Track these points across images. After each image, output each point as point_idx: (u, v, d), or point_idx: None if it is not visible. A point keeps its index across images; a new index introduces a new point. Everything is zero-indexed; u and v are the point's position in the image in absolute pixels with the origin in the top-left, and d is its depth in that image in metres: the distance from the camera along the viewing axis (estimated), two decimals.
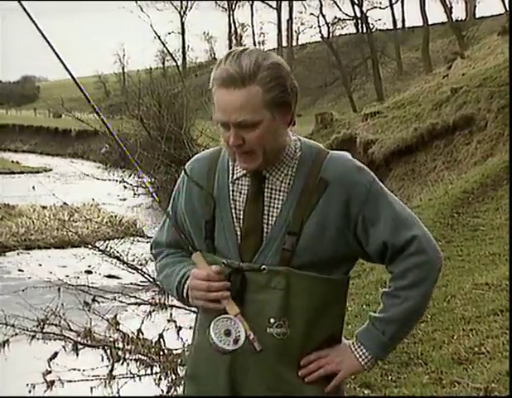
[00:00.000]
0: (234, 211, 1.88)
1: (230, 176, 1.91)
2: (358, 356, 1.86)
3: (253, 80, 1.75)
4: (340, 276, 1.88)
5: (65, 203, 11.79)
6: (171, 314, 6.23)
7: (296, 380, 1.85)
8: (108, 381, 5.76)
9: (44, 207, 19.83)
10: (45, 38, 1.84)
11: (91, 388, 5.76)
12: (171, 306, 6.30)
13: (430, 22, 40.02)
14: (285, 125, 1.84)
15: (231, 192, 1.89)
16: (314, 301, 1.83)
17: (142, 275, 7.26)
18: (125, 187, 12.25)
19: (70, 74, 1.98)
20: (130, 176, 13.76)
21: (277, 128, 1.81)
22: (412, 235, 1.83)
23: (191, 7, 60.77)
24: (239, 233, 1.87)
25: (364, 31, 41.55)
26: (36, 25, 1.84)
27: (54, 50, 1.89)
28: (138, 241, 8.62)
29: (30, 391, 5.73)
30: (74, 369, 5.77)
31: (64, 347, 5.87)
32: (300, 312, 1.82)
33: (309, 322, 1.83)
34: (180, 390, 5.22)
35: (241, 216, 1.87)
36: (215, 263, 1.84)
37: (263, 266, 1.82)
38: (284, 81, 1.79)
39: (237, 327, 1.76)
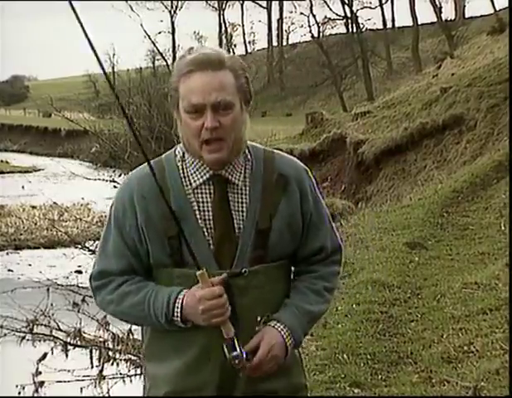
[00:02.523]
0: (200, 220, 1.85)
1: (187, 186, 1.87)
2: (289, 347, 1.87)
3: (225, 65, 1.81)
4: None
5: (54, 203, 11.78)
6: None
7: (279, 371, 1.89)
8: (98, 382, 5.75)
9: (34, 207, 19.75)
10: (87, 37, 1.81)
11: (81, 388, 5.74)
12: None
13: (420, 22, 40.17)
14: (246, 119, 1.88)
15: (194, 202, 1.86)
16: (285, 286, 1.93)
17: None
18: (115, 187, 12.22)
19: (105, 73, 1.98)
20: (120, 175, 13.74)
21: (243, 118, 1.86)
22: (339, 244, 2.02)
23: (182, 7, 60.61)
24: (211, 242, 1.85)
25: (355, 30, 41.64)
26: (80, 23, 1.81)
27: (94, 50, 1.86)
28: None
29: (19, 392, 5.71)
30: (64, 369, 5.74)
31: (53, 347, 5.84)
32: (279, 301, 1.91)
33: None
34: None
35: (209, 225, 1.85)
36: (188, 276, 1.81)
37: (244, 269, 1.83)
38: (247, 74, 1.87)
39: (236, 348, 1.79)
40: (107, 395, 5.75)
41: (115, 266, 1.88)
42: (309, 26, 54.88)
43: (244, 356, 1.78)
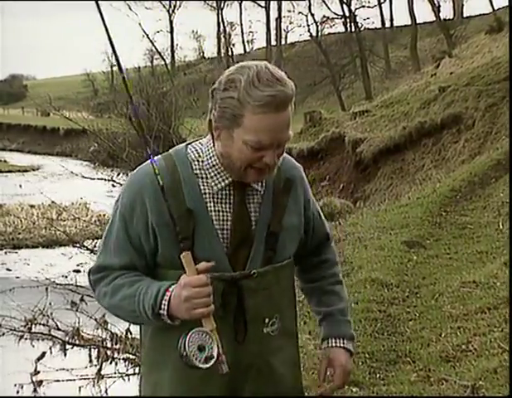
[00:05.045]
0: (215, 222, 1.83)
1: (205, 188, 1.84)
2: (347, 350, 2.07)
3: (292, 101, 1.80)
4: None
5: (53, 202, 11.77)
6: None
7: (282, 369, 1.91)
8: (96, 381, 5.75)
9: (32, 206, 19.73)
10: (108, 35, 1.77)
11: (79, 387, 5.74)
12: None
13: (418, 21, 40.14)
14: None
15: (211, 205, 1.83)
16: (290, 284, 1.95)
17: None
18: (114, 186, 12.22)
19: (121, 70, 1.89)
20: (119, 174, 13.73)
21: None
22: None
23: (180, 6, 60.65)
24: (226, 244, 1.83)
25: (353, 29, 41.61)
26: (103, 21, 1.76)
27: (113, 48, 1.80)
28: None
29: (18, 392, 5.71)
30: (63, 369, 5.74)
31: (51, 347, 5.84)
32: (287, 302, 1.94)
33: (291, 305, 1.97)
34: None
35: (227, 227, 1.84)
36: None
37: (253, 271, 1.83)
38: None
39: (211, 343, 1.69)
40: (105, 395, 5.76)
41: (115, 261, 1.85)
42: (307, 26, 55.06)
43: (222, 357, 1.69)
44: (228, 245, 1.83)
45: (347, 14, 42.08)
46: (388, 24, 48.29)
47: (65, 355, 5.89)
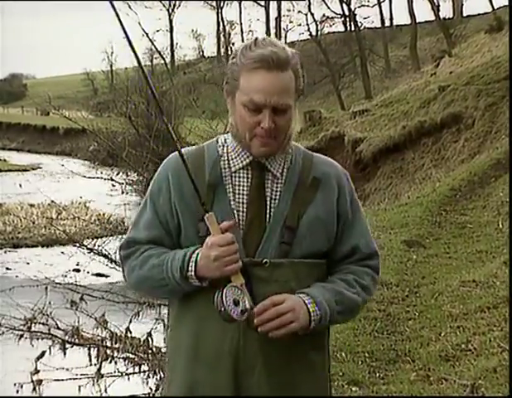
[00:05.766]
0: (233, 202, 1.85)
1: (225, 169, 1.88)
2: (312, 315, 1.81)
3: (290, 64, 1.80)
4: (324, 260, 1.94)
5: (52, 201, 11.75)
6: (159, 313, 6.22)
7: (296, 366, 1.86)
8: (96, 380, 5.74)
9: (32, 205, 19.72)
10: (125, 33, 1.78)
11: (79, 387, 5.74)
12: (160, 304, 6.29)
13: (418, 21, 40.12)
14: (296, 114, 1.89)
15: (229, 185, 1.87)
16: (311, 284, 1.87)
17: None
18: (113, 185, 12.21)
19: (141, 67, 1.88)
20: (118, 174, 13.73)
21: (294, 118, 1.88)
22: (376, 250, 2.00)
23: (179, 5, 60.65)
24: (242, 226, 1.85)
25: (353, 29, 41.59)
26: (119, 19, 1.76)
27: (131, 46, 1.81)
28: None
29: (17, 391, 5.70)
30: (62, 368, 5.74)
31: (51, 346, 5.84)
32: None
33: None
34: None
35: (242, 209, 1.85)
36: None
37: (265, 260, 1.82)
38: (302, 70, 1.87)
39: (243, 297, 1.75)
40: (105, 394, 5.75)
41: (143, 235, 1.90)
42: (307, 25, 54.86)
43: (254, 309, 1.73)
44: (243, 226, 1.84)
45: (347, 13, 42.08)
46: (387, 23, 48.29)
47: (65, 354, 5.88)
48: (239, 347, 1.82)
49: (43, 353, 5.75)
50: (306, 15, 44.67)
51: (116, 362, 5.85)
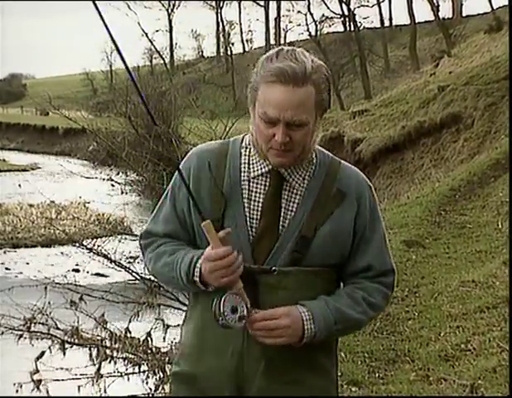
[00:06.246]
0: (246, 208, 1.85)
1: (244, 174, 1.88)
2: (306, 332, 1.80)
3: (310, 79, 1.77)
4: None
5: (52, 201, 11.77)
6: (158, 313, 6.22)
7: (300, 370, 1.86)
8: (95, 380, 5.74)
9: (31, 205, 19.71)
10: (109, 33, 1.75)
11: (78, 387, 5.74)
12: (159, 304, 6.29)
13: (417, 21, 40.12)
14: (319, 128, 1.86)
15: (246, 191, 1.86)
16: (320, 293, 1.86)
17: (130, 273, 7.23)
18: (113, 185, 12.21)
19: (128, 71, 1.86)
20: (118, 174, 13.72)
21: (317, 129, 1.85)
22: (392, 268, 1.95)
23: (179, 5, 60.63)
24: (253, 233, 1.84)
25: (352, 29, 41.58)
26: (103, 21, 1.75)
27: (116, 46, 1.77)
28: (126, 239, 8.59)
29: (17, 391, 5.70)
30: (62, 368, 5.74)
31: (50, 346, 5.84)
32: None
33: None
34: (168, 388, 5.21)
35: (256, 216, 1.85)
36: None
37: (274, 268, 1.81)
38: (330, 84, 1.83)
39: (241, 302, 1.75)
40: (104, 394, 5.75)
41: (161, 228, 1.94)
42: (306, 25, 54.70)
43: (236, 313, 1.74)
44: (254, 234, 1.84)
45: (346, 13, 42.06)
46: (387, 23, 48.29)
47: (65, 354, 5.88)
48: (243, 349, 1.82)
49: (43, 353, 5.75)
50: (305, 15, 44.70)
51: (115, 362, 5.86)
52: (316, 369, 1.88)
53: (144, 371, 5.80)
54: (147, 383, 5.75)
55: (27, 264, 14.52)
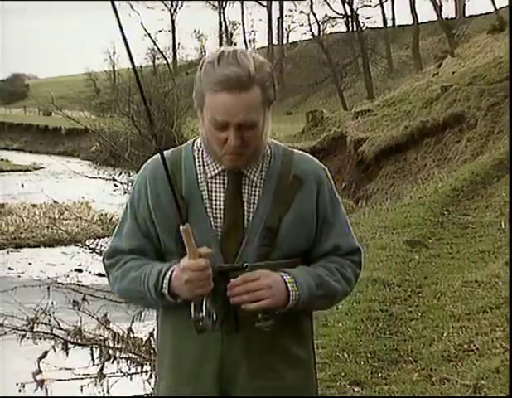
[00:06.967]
0: (208, 209, 1.85)
1: (201, 175, 1.88)
2: (291, 294, 1.80)
3: (255, 80, 1.77)
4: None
5: (55, 201, 11.76)
6: None
7: (281, 366, 1.86)
8: (98, 380, 5.74)
9: (34, 205, 19.75)
10: (122, 33, 1.73)
11: (81, 387, 5.74)
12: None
13: (420, 21, 40.14)
14: (268, 121, 1.86)
15: (205, 191, 1.86)
16: None
17: None
18: (116, 186, 12.22)
19: (134, 69, 1.85)
20: (120, 174, 13.73)
21: (266, 123, 1.85)
22: (357, 246, 1.97)
23: (182, 5, 60.65)
24: (219, 232, 1.85)
25: (355, 29, 41.62)
26: (118, 20, 1.71)
27: (127, 46, 1.76)
28: None
29: (20, 391, 5.70)
30: (65, 368, 5.74)
31: (53, 346, 5.84)
32: None
33: None
34: None
35: (219, 214, 1.85)
36: None
37: (245, 264, 1.82)
38: (273, 79, 1.84)
39: (211, 308, 1.77)
40: (107, 394, 5.75)
41: (125, 245, 1.91)
42: (309, 25, 54.89)
43: (211, 317, 1.75)
44: (220, 233, 1.85)
45: (349, 13, 42.10)
46: (390, 23, 48.33)
47: (67, 354, 5.88)
48: (223, 353, 1.83)
49: (45, 353, 5.75)
50: (308, 15, 44.81)
51: (118, 362, 5.85)
52: (294, 364, 1.88)
53: (147, 372, 5.80)
54: (149, 383, 5.75)
55: (30, 264, 14.54)
